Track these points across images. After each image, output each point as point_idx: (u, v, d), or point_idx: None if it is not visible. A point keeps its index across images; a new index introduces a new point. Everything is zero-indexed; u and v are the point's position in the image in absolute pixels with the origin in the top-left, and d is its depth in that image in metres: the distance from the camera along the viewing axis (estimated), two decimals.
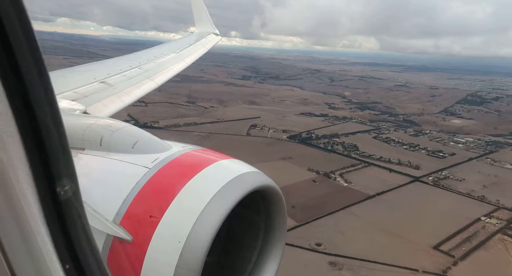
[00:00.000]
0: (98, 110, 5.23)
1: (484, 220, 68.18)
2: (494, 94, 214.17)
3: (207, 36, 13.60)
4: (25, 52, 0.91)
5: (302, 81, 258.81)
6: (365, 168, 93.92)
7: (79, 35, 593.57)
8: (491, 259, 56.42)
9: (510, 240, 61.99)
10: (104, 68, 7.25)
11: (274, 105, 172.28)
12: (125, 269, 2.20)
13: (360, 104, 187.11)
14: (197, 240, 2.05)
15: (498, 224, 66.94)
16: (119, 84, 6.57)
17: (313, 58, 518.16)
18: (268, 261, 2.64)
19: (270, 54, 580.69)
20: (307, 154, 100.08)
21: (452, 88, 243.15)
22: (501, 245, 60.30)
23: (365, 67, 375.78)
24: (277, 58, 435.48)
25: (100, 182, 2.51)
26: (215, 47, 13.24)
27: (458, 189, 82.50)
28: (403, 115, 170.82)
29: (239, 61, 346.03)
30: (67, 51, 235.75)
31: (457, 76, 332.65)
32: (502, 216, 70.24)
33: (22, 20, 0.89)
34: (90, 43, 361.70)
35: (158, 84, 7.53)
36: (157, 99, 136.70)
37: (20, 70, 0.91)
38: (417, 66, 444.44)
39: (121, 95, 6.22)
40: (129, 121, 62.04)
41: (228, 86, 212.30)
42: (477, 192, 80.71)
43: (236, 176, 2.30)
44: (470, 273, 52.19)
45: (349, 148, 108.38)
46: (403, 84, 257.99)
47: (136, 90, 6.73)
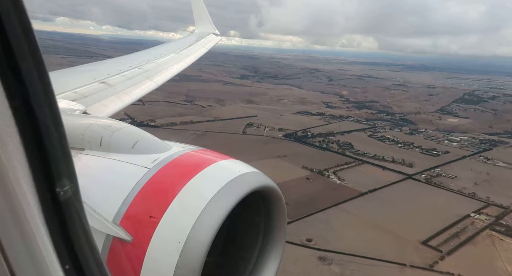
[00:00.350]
0: (98, 111, 5.27)
1: (473, 216, 69.33)
2: (491, 94, 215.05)
3: (207, 36, 13.62)
4: (25, 53, 0.91)
5: (300, 81, 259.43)
6: (358, 165, 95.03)
7: (78, 35, 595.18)
8: (478, 254, 57.57)
9: (498, 235, 63.12)
10: (104, 69, 7.27)
11: (272, 104, 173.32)
12: (125, 269, 2.22)
13: (357, 103, 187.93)
14: (197, 241, 2.05)
15: (487, 220, 68.07)
16: (119, 84, 6.58)
17: (312, 57, 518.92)
18: (268, 261, 2.66)
19: (269, 53, 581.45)
20: (302, 152, 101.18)
21: (449, 88, 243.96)
22: (489, 241, 61.44)
23: (364, 66, 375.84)
24: (276, 58, 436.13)
25: (100, 182, 2.53)
26: (214, 46, 13.35)
27: (450, 186, 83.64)
28: (399, 114, 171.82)
29: (238, 61, 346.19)
30: (65, 50, 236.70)
31: (456, 75, 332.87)
32: (491, 212, 71.37)
33: (22, 19, 0.89)
34: (89, 43, 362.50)
35: (158, 85, 7.56)
36: (155, 98, 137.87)
37: (20, 70, 0.91)
38: (416, 65, 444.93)
39: (121, 95, 6.24)
40: (126, 120, 63.06)
41: (226, 85, 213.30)
42: (468, 189, 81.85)
43: (236, 176, 2.32)
44: (457, 267, 53.27)
45: (344, 146, 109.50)
46: (401, 83, 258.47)
47: (136, 90, 6.74)
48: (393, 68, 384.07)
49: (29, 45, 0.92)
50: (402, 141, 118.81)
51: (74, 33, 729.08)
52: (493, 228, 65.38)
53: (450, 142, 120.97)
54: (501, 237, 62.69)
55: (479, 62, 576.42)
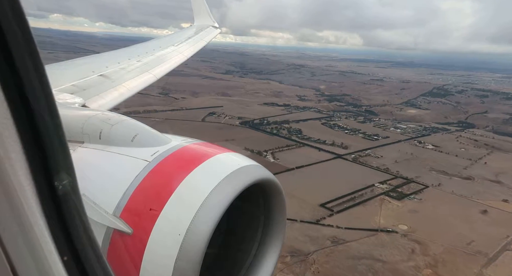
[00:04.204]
0: (97, 104, 5.22)
1: (376, 185, 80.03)
2: (460, 88, 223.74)
3: (206, 29, 13.54)
4: (20, 44, 0.92)
5: (283, 76, 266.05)
6: (299, 148, 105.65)
7: (73, 32, 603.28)
8: (363, 212, 68.32)
9: (388, 199, 73.89)
10: (103, 61, 7.24)
11: (244, 96, 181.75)
12: (125, 261, 2.23)
13: (330, 97, 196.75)
14: (197, 233, 2.06)
15: (386, 188, 78.80)
16: (118, 77, 6.55)
17: (304, 54, 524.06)
18: (268, 254, 2.70)
19: (262, 51, 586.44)
20: (251, 137, 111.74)
21: (423, 82, 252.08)
22: (378, 203, 72.14)
23: (353, 63, 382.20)
24: (268, 55, 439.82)
25: (100, 175, 2.53)
26: (207, 43, 13.12)
27: (372, 164, 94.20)
28: (366, 106, 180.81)
29: (227, 57, 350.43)
30: (52, 46, 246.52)
31: (439, 71, 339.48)
32: (394, 183, 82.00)
33: (16, 12, 0.90)
34: (82, 39, 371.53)
35: (157, 78, 7.48)
36: None
37: (15, 62, 0.91)
38: (405, 62, 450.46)
39: (120, 88, 6.21)
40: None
41: (205, 79, 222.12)
42: (386, 166, 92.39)
43: (236, 169, 2.34)
44: (339, 221, 64.03)
45: (293, 132, 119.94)
46: (379, 78, 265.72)
47: (134, 83, 6.70)
48: (381, 64, 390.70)
49: (23, 36, 0.92)
50: (351, 128, 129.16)
51: (70, 30, 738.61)
52: (388, 194, 76.13)
53: (395, 129, 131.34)
54: (390, 200, 73.51)
55: (471, 59, 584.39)
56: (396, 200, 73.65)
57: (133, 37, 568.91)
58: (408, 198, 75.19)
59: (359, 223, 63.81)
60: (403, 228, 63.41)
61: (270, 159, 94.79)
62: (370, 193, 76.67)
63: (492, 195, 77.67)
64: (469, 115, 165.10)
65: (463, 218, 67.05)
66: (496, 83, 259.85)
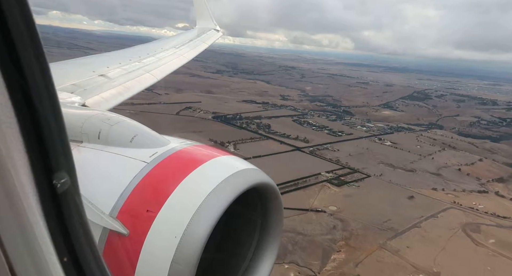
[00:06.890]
0: (97, 104, 5.23)
1: (322, 174, 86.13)
2: (441, 93, 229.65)
3: (208, 32, 13.72)
4: (27, 44, 0.92)
5: (272, 77, 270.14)
6: (262, 140, 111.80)
7: (70, 29, 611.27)
8: (301, 195, 74.39)
9: (329, 185, 80.00)
10: (104, 62, 7.25)
11: (227, 94, 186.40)
12: (121, 262, 2.23)
13: (313, 97, 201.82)
14: (193, 236, 2.05)
15: (331, 176, 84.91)
16: (118, 77, 6.55)
17: (300, 57, 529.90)
18: (264, 258, 2.70)
19: (259, 52, 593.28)
20: (219, 130, 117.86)
21: (406, 86, 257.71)
22: (318, 188, 78.24)
23: (346, 67, 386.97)
24: (264, 56, 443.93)
25: (98, 175, 2.52)
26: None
27: (326, 156, 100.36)
28: (345, 107, 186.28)
29: (222, 58, 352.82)
30: (47, 41, 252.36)
31: (428, 77, 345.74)
32: (340, 172, 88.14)
33: (23, 11, 0.90)
34: (79, 36, 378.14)
35: (157, 79, 7.54)
36: None
37: (21, 62, 0.91)
38: (399, 67, 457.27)
39: (120, 88, 6.22)
40: None
41: (193, 77, 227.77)
42: (339, 158, 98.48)
43: (234, 172, 2.34)
44: None
45: (261, 127, 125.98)
46: (366, 82, 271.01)
47: (135, 84, 6.73)
48: (374, 69, 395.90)
49: (30, 37, 0.93)
50: (319, 125, 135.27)
51: (68, 27, 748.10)
52: (331, 181, 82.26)
53: (362, 127, 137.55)
54: (330, 186, 79.65)
55: (460, 66, 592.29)
56: (336, 186, 79.79)
57: (130, 36, 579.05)
58: (348, 185, 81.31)
59: (294, 204, 69.67)
60: (332, 208, 69.56)
61: (231, 149, 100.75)
62: (314, 180, 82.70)
63: (426, 184, 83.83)
64: (441, 118, 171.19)
65: (390, 202, 73.19)
66: (479, 90, 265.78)
